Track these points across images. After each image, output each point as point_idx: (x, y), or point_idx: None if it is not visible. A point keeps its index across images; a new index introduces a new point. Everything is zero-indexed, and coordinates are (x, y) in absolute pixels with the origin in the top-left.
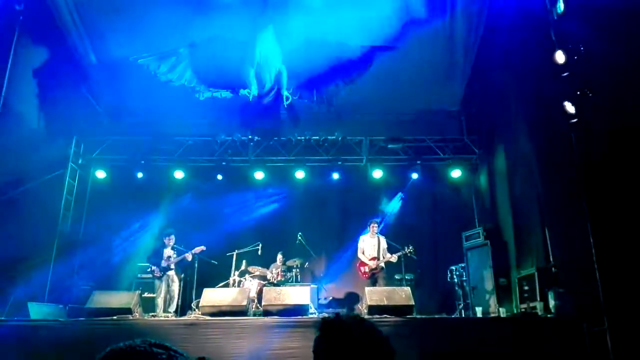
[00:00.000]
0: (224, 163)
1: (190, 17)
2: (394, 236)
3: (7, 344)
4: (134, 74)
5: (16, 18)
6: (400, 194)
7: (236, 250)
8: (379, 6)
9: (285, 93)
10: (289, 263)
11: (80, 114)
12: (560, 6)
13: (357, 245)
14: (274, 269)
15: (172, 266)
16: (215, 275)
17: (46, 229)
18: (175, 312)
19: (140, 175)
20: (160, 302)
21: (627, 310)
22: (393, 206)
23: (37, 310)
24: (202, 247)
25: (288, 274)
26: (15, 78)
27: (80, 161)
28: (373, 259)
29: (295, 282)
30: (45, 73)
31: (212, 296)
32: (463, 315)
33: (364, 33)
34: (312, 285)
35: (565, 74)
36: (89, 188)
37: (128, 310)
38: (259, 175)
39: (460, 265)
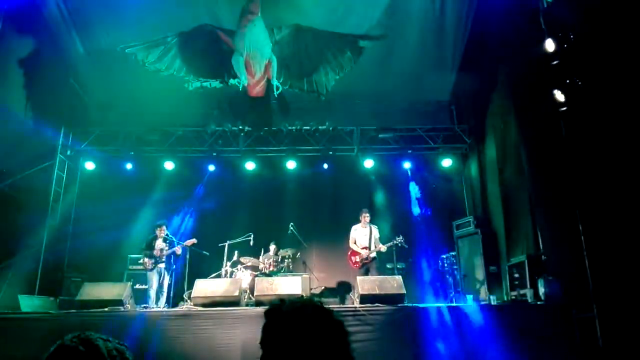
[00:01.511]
0: (214, 154)
1: (179, 5)
2: (386, 225)
3: None
4: (122, 64)
5: (1, 7)
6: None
7: (228, 241)
8: None
9: (275, 83)
10: (281, 253)
11: (68, 105)
12: None
13: (349, 234)
14: (266, 259)
15: (164, 258)
16: (207, 266)
17: (35, 221)
18: (167, 303)
19: (129, 166)
20: (152, 294)
21: (615, 297)
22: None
23: (28, 303)
24: (194, 240)
25: (280, 264)
26: (2, 69)
27: (68, 152)
28: (365, 248)
29: (287, 272)
30: (32, 63)
31: (204, 287)
32: (454, 304)
33: (353, 22)
34: (304, 275)
35: (555, 62)
36: (78, 179)
37: (119, 302)
38: (250, 165)
39: (451, 253)
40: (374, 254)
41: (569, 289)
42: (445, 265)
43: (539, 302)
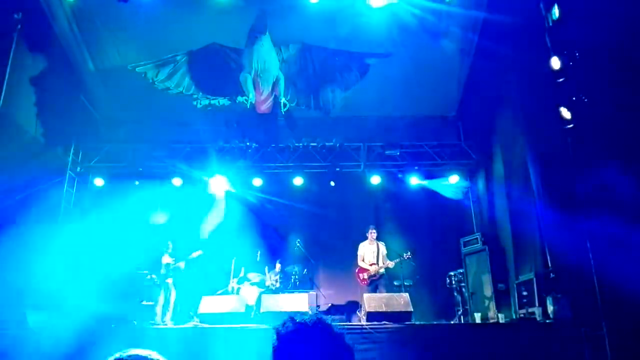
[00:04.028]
0: (222, 170)
1: (188, 25)
2: (393, 242)
3: (6, 352)
4: (131, 81)
5: (14, 27)
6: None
7: (235, 257)
8: (375, 13)
9: (282, 100)
10: (288, 270)
11: (78, 122)
12: (556, 12)
13: (356, 251)
14: (272, 276)
15: (171, 273)
16: (213, 282)
17: (44, 237)
18: (173, 319)
19: (137, 183)
20: (159, 309)
21: (625, 315)
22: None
23: (36, 319)
24: (200, 252)
25: (287, 280)
26: (13, 86)
27: (78, 169)
28: (373, 265)
29: (294, 288)
30: (43, 81)
31: (211, 303)
32: (462, 321)
33: (359, 40)
34: (310, 292)
35: (561, 80)
36: (87, 196)
37: (127, 318)
38: (257, 182)
39: (458, 271)
40: (382, 271)
41: (578, 307)
42: (453, 282)
43: (547, 321)
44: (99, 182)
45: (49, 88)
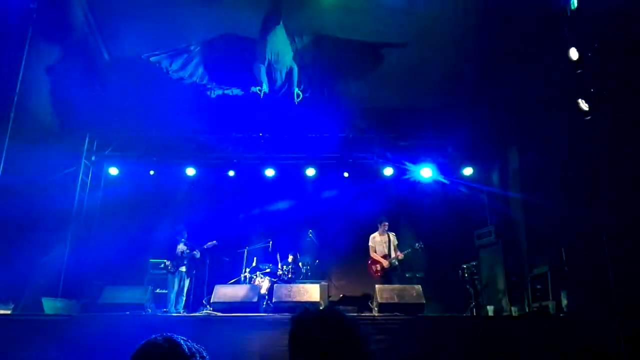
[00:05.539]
0: (235, 160)
1: (202, 14)
2: (405, 234)
3: (22, 338)
4: (146, 71)
5: (30, 16)
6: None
7: (247, 247)
8: (389, 2)
9: (296, 90)
10: (300, 260)
11: (93, 111)
12: (574, 2)
13: (367, 242)
14: (284, 266)
15: (185, 262)
16: (226, 271)
17: (59, 226)
18: (185, 308)
19: (152, 172)
20: (172, 297)
21: None
22: None
23: (51, 306)
24: (214, 242)
25: (298, 271)
26: (29, 76)
27: (93, 158)
28: (384, 256)
29: (306, 279)
30: (59, 70)
31: (224, 292)
32: (474, 314)
33: (374, 30)
34: (322, 283)
35: (579, 71)
36: (102, 184)
37: (140, 306)
38: (270, 172)
39: (472, 263)
40: (396, 262)
41: (593, 301)
42: (466, 274)
43: (561, 314)
44: (113, 171)
45: (65, 77)
